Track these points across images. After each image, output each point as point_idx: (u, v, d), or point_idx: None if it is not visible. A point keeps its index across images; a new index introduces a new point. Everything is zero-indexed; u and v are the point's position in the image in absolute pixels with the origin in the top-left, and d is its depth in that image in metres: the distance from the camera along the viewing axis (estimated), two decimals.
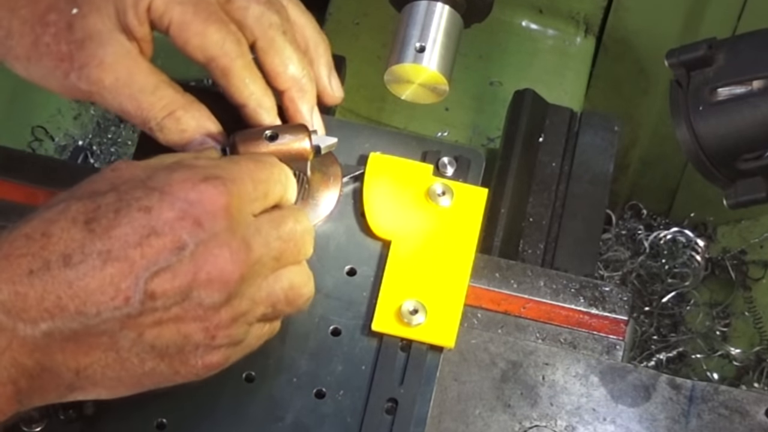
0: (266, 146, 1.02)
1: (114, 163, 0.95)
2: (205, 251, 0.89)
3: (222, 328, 0.91)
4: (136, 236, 0.88)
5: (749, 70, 0.98)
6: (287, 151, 1.02)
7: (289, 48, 1.06)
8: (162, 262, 0.88)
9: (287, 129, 1.03)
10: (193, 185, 0.90)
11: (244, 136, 1.02)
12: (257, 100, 1.05)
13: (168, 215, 0.89)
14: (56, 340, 0.87)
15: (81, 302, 0.87)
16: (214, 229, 0.89)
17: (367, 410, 1.02)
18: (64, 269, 0.87)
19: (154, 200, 0.89)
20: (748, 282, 1.73)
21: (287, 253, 0.95)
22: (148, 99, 1.02)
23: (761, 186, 1.00)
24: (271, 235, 0.94)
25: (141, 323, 0.88)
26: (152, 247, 0.88)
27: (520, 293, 1.11)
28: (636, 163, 1.79)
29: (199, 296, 0.89)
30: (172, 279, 0.88)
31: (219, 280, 0.89)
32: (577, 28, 1.61)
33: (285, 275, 0.96)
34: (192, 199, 0.89)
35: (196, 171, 0.92)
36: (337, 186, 1.10)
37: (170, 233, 0.88)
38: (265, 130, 1.02)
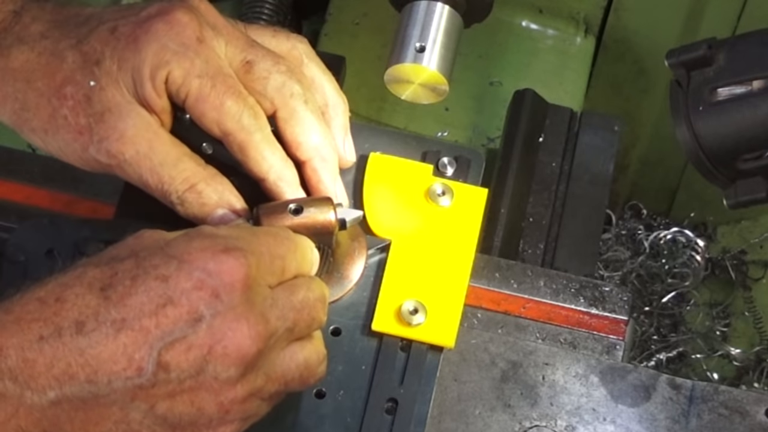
0: (290, 220, 0.99)
1: (139, 231, 0.94)
2: (223, 324, 0.87)
3: (237, 403, 0.89)
4: (152, 305, 0.86)
5: (749, 70, 0.98)
6: (312, 224, 1.00)
7: (311, 117, 1.04)
8: (177, 332, 0.86)
9: (312, 202, 1.01)
10: (212, 255, 0.89)
11: (267, 209, 1.00)
12: (277, 173, 1.03)
13: (185, 285, 0.87)
14: (64, 410, 0.85)
15: (92, 371, 0.85)
16: (232, 301, 0.88)
17: (367, 410, 1.02)
18: (77, 336, 0.85)
19: (171, 269, 0.88)
20: (748, 282, 1.73)
21: (301, 323, 0.94)
22: (169, 172, 1.01)
23: (761, 186, 1.00)
24: (286, 306, 0.92)
25: (153, 395, 0.87)
26: (168, 317, 0.86)
27: (520, 293, 1.11)
28: (636, 163, 1.79)
29: (215, 370, 0.87)
30: (187, 351, 0.86)
31: (236, 354, 0.87)
32: (577, 28, 1.61)
33: (300, 352, 0.94)
34: (211, 270, 0.88)
35: (216, 241, 0.90)
36: (363, 258, 1.08)
37: (187, 304, 0.87)
38: (289, 203, 1.00)
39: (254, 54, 1.04)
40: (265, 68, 1.04)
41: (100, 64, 1.01)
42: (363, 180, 1.11)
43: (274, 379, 0.92)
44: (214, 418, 0.89)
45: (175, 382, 0.87)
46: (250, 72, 1.03)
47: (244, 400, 0.90)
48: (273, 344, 0.91)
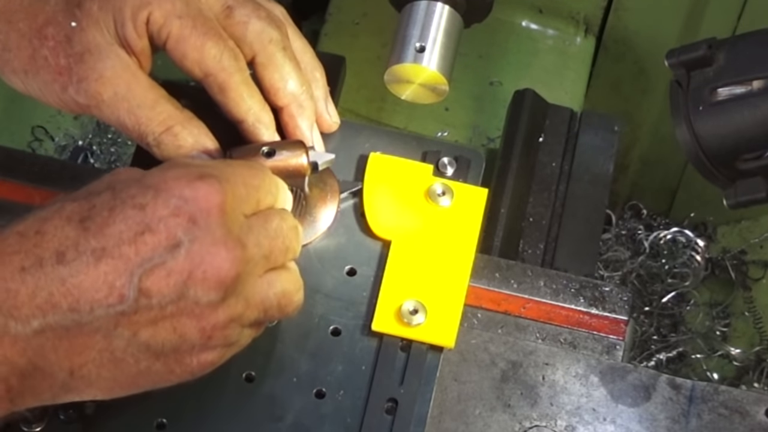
0: (263, 162, 1.01)
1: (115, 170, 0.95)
2: (201, 249, 0.88)
3: (218, 328, 0.91)
4: (130, 233, 0.87)
5: (749, 70, 0.98)
6: (284, 167, 1.02)
7: (289, 64, 1.06)
8: (157, 259, 0.87)
9: (284, 145, 1.03)
10: (188, 182, 0.90)
11: (240, 152, 1.02)
12: (255, 115, 1.05)
13: (162, 212, 0.88)
14: (49, 339, 0.87)
15: (74, 299, 0.86)
16: (209, 226, 0.89)
17: (367, 410, 1.02)
18: (57, 266, 0.86)
19: (148, 197, 0.89)
20: (748, 282, 1.74)
21: (276, 251, 0.95)
22: (146, 114, 1.02)
23: (761, 186, 1.00)
24: (261, 234, 0.93)
25: (136, 321, 0.88)
26: (147, 245, 0.87)
27: (520, 293, 1.11)
28: (636, 163, 1.79)
29: (196, 294, 0.89)
30: (167, 277, 0.88)
31: (215, 278, 0.89)
32: (577, 28, 1.61)
33: (277, 281, 0.95)
34: (187, 196, 0.89)
35: (190, 169, 0.91)
36: (335, 202, 1.10)
37: (165, 230, 0.88)
38: (262, 146, 1.02)
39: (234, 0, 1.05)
40: (245, 13, 1.05)
41: (81, 6, 1.02)
42: (363, 180, 1.11)
43: (253, 305, 0.93)
44: (196, 344, 0.90)
45: (156, 308, 0.88)
46: (230, 17, 1.04)
47: (226, 326, 0.91)
48: (250, 270, 0.92)
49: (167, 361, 0.91)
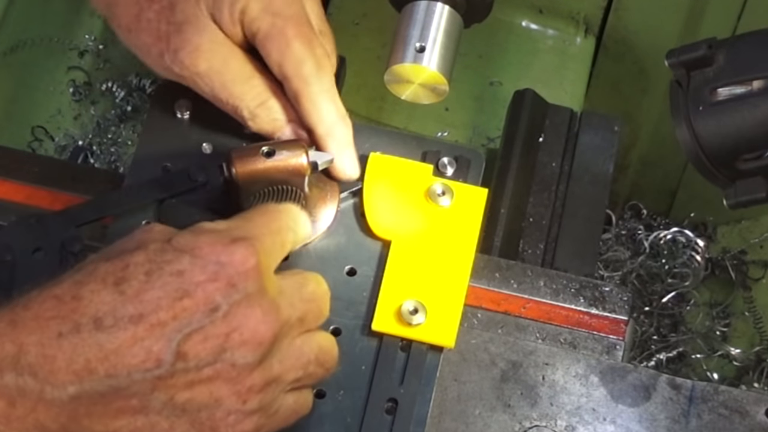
0: (263, 162, 1.02)
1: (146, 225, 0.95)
2: (238, 312, 0.88)
3: (254, 392, 0.90)
4: (168, 299, 0.87)
5: (749, 70, 0.98)
6: (284, 167, 1.02)
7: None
8: (195, 323, 0.87)
9: (284, 145, 1.03)
10: (223, 247, 0.90)
11: (240, 152, 1.03)
12: (327, 128, 1.06)
13: (200, 278, 0.88)
14: (83, 404, 0.86)
15: (111, 365, 0.85)
16: (246, 289, 0.89)
17: (367, 410, 1.02)
18: (95, 332, 0.86)
19: (185, 263, 0.89)
20: (748, 282, 1.73)
21: (310, 314, 0.95)
22: (240, 88, 1.04)
23: (761, 186, 1.00)
24: (295, 297, 0.94)
25: (172, 385, 0.87)
26: (185, 309, 0.87)
27: (520, 293, 1.11)
28: (636, 163, 1.79)
29: (233, 357, 0.88)
30: (205, 341, 0.87)
31: (252, 340, 0.89)
32: (577, 28, 1.61)
33: (313, 338, 0.96)
34: (223, 261, 0.89)
35: (222, 234, 0.92)
36: (335, 202, 1.10)
37: (203, 295, 0.88)
38: (262, 146, 1.03)
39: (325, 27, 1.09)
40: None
41: None
42: (363, 180, 1.11)
43: (290, 365, 0.93)
44: (231, 409, 0.89)
45: (193, 371, 0.87)
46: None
47: (261, 389, 0.90)
48: (286, 332, 0.92)
49: (202, 427, 0.89)
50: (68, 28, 1.73)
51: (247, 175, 1.02)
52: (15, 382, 0.84)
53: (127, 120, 1.78)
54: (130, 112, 1.78)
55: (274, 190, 1.04)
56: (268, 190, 1.04)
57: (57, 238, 1.02)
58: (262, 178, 1.03)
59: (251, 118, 1.05)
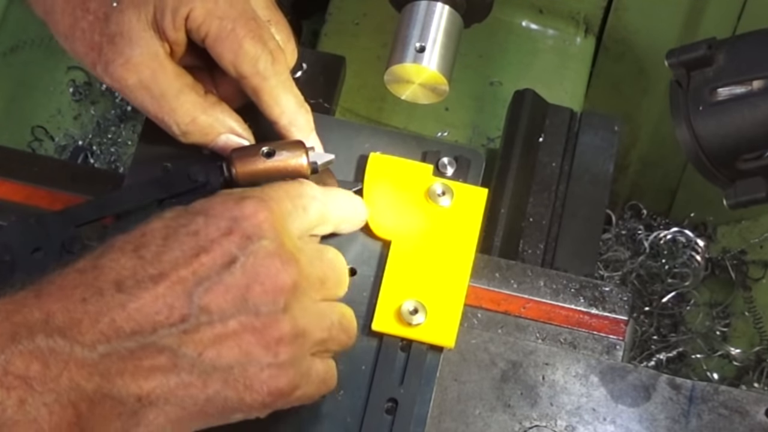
0: (263, 163, 1.02)
1: None
2: (256, 262, 0.90)
3: (283, 343, 0.90)
4: (186, 257, 0.89)
5: (749, 70, 0.98)
6: (284, 167, 1.02)
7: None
8: (214, 277, 0.89)
9: (284, 145, 1.04)
10: (234, 203, 0.92)
11: (240, 152, 1.03)
12: (288, 118, 1.06)
13: (215, 234, 0.90)
14: (114, 362, 0.87)
15: (136, 323, 0.87)
16: (261, 241, 0.90)
17: (367, 410, 1.02)
18: (117, 294, 0.87)
19: (200, 223, 0.91)
20: (748, 282, 1.73)
21: (331, 280, 0.96)
22: (169, 104, 1.04)
23: (761, 186, 1.00)
24: (315, 257, 0.95)
25: (199, 340, 0.88)
26: (203, 265, 0.89)
27: (520, 293, 1.11)
28: (636, 163, 1.79)
29: (255, 305, 0.89)
30: (226, 292, 0.89)
31: (273, 288, 0.90)
32: (577, 28, 1.61)
33: (335, 305, 0.97)
34: (236, 216, 0.91)
35: (233, 194, 0.94)
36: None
37: (219, 249, 0.90)
38: (262, 146, 1.03)
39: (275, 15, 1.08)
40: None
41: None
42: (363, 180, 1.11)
43: (314, 322, 0.93)
44: (264, 363, 0.90)
45: (218, 324, 0.88)
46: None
47: (291, 341, 0.91)
48: (306, 287, 0.93)
49: (236, 385, 0.90)
50: None
51: (247, 175, 1.02)
52: (46, 344, 0.85)
53: (127, 120, 1.78)
54: (130, 112, 1.78)
55: None
56: None
57: (57, 238, 1.02)
58: (262, 179, 1.03)
59: (182, 134, 1.05)
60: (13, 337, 0.85)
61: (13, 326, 0.86)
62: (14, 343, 0.85)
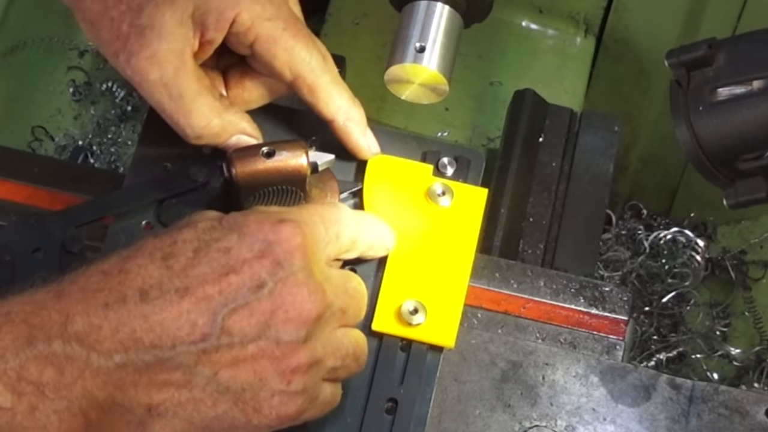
0: (263, 163, 1.02)
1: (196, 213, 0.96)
2: (284, 290, 0.89)
3: (299, 372, 0.90)
4: (214, 274, 0.88)
5: (749, 70, 0.98)
6: (284, 167, 1.02)
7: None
8: (240, 299, 0.88)
9: (284, 145, 1.04)
10: (270, 226, 0.91)
11: (240, 153, 1.03)
12: (345, 114, 1.07)
13: (246, 255, 0.89)
14: (129, 373, 0.86)
15: (156, 336, 0.86)
16: (292, 268, 0.90)
17: (367, 410, 1.02)
18: (141, 304, 0.87)
19: (233, 241, 0.90)
20: (748, 282, 1.73)
21: (351, 309, 0.96)
22: (186, 106, 1.03)
23: (761, 186, 1.00)
24: (340, 287, 0.95)
25: (217, 360, 0.88)
26: (231, 285, 0.88)
27: (520, 293, 1.11)
28: (636, 163, 1.79)
29: (277, 333, 0.89)
30: (250, 316, 0.88)
31: (297, 318, 0.89)
32: (577, 28, 1.61)
33: (352, 333, 0.97)
34: (270, 239, 0.90)
35: (270, 214, 0.93)
36: (335, 201, 1.09)
37: (249, 271, 0.89)
38: (262, 146, 1.03)
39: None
40: None
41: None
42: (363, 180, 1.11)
43: (331, 352, 0.93)
44: (276, 390, 0.90)
45: (237, 347, 0.88)
46: None
47: (306, 370, 0.91)
48: (328, 318, 0.92)
49: (245, 407, 0.90)
50: (68, 28, 1.73)
51: (247, 175, 1.02)
52: (63, 350, 0.85)
53: (127, 120, 1.78)
54: (130, 112, 1.78)
55: (275, 190, 1.04)
56: (269, 190, 1.04)
57: (57, 238, 1.02)
58: (262, 179, 1.03)
59: (195, 137, 1.05)
60: (29, 341, 0.85)
61: (31, 329, 0.85)
62: (30, 347, 0.85)
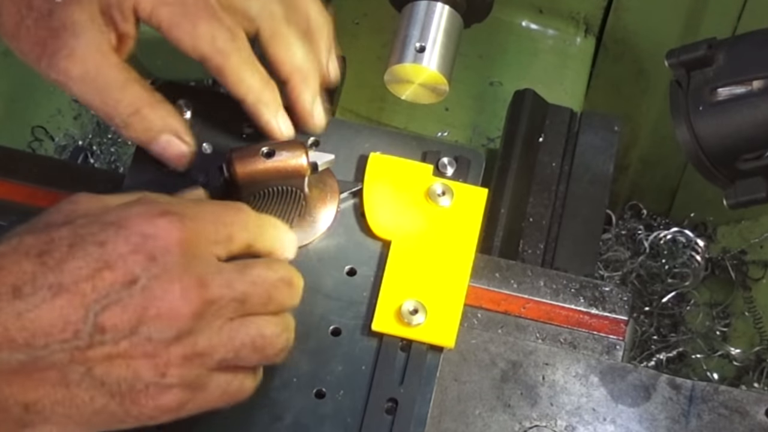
0: (263, 163, 1.02)
1: (74, 196, 0.95)
2: (156, 286, 0.88)
3: (172, 365, 0.89)
4: (88, 269, 0.87)
5: (749, 70, 0.98)
6: (284, 167, 1.02)
7: (292, 37, 1.06)
8: (113, 295, 0.87)
9: (284, 145, 1.03)
10: (149, 219, 0.89)
11: (240, 152, 1.03)
12: (255, 95, 1.05)
13: (122, 249, 0.88)
14: (3, 372, 0.86)
15: (29, 334, 0.85)
16: (167, 264, 0.88)
17: (367, 410, 1.02)
18: (14, 301, 0.85)
19: (110, 234, 0.88)
20: (748, 282, 1.74)
21: (254, 297, 0.93)
22: (114, 95, 1.02)
23: (761, 186, 1.00)
24: (234, 277, 0.92)
25: (90, 357, 0.87)
26: (104, 281, 0.87)
27: (520, 293, 1.11)
28: (636, 163, 1.79)
29: (148, 331, 0.88)
30: (122, 313, 0.87)
31: (168, 315, 0.88)
32: (577, 28, 1.61)
33: (255, 323, 0.93)
34: (147, 233, 0.88)
35: (153, 206, 0.91)
36: (335, 202, 1.09)
37: (123, 267, 0.87)
38: (261, 146, 1.02)
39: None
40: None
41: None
42: (363, 180, 1.11)
43: (218, 344, 0.91)
44: (150, 382, 0.89)
45: (110, 343, 0.87)
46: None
47: (181, 364, 0.89)
48: (216, 311, 0.90)
49: (123, 400, 0.89)
50: None
51: (247, 175, 1.02)
52: None
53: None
54: None
55: (274, 190, 1.04)
56: (268, 190, 1.04)
57: None
58: (262, 179, 1.03)
59: (123, 126, 1.03)
60: None
61: None
62: None
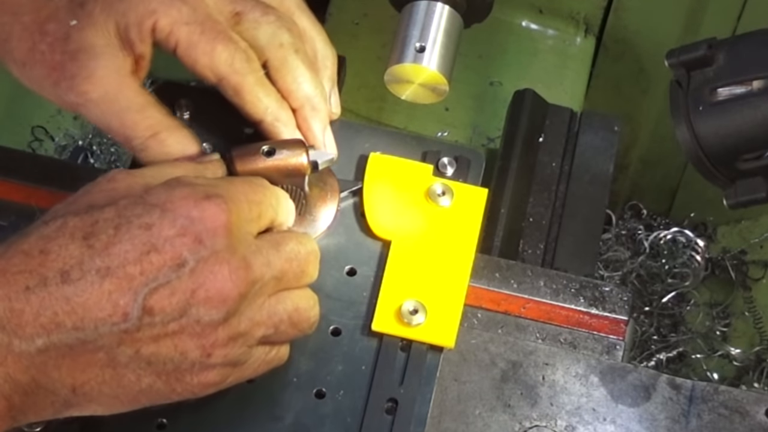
0: (263, 162, 1.02)
1: (110, 173, 0.95)
2: (205, 268, 0.89)
3: (218, 346, 0.91)
4: (135, 253, 0.88)
5: (749, 70, 0.98)
6: (284, 166, 1.02)
7: (302, 66, 1.06)
8: (161, 278, 0.88)
9: (285, 144, 1.03)
10: (195, 203, 0.90)
11: (241, 151, 1.03)
12: (273, 114, 1.05)
13: (169, 232, 0.89)
14: (52, 357, 0.87)
15: (78, 318, 0.86)
16: (214, 246, 0.89)
17: (367, 410, 1.02)
18: (62, 285, 0.86)
19: (155, 217, 0.89)
20: (748, 282, 1.73)
21: (290, 273, 0.95)
22: (133, 117, 1.02)
23: (761, 186, 1.00)
24: (272, 255, 0.94)
25: (138, 339, 0.88)
26: (152, 264, 0.88)
27: (520, 293, 1.11)
28: (636, 163, 1.79)
29: (198, 313, 0.89)
30: (171, 295, 0.88)
31: (217, 297, 0.89)
32: (577, 28, 1.61)
33: (289, 297, 0.96)
34: (194, 217, 0.90)
35: (196, 189, 0.92)
36: (335, 201, 1.10)
37: (171, 250, 0.88)
38: (262, 145, 1.02)
39: (243, 5, 1.06)
40: (254, 18, 1.05)
41: (83, 5, 1.02)
42: (363, 180, 1.11)
43: (259, 322, 0.93)
44: (196, 362, 0.91)
45: (159, 325, 0.88)
46: (239, 23, 1.05)
47: (226, 344, 0.91)
48: (258, 290, 0.92)
49: (168, 379, 0.91)
50: None
51: (248, 174, 1.02)
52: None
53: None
54: None
55: None
56: None
57: None
58: (263, 177, 1.03)
59: (142, 149, 1.03)
60: None
61: None
62: None
